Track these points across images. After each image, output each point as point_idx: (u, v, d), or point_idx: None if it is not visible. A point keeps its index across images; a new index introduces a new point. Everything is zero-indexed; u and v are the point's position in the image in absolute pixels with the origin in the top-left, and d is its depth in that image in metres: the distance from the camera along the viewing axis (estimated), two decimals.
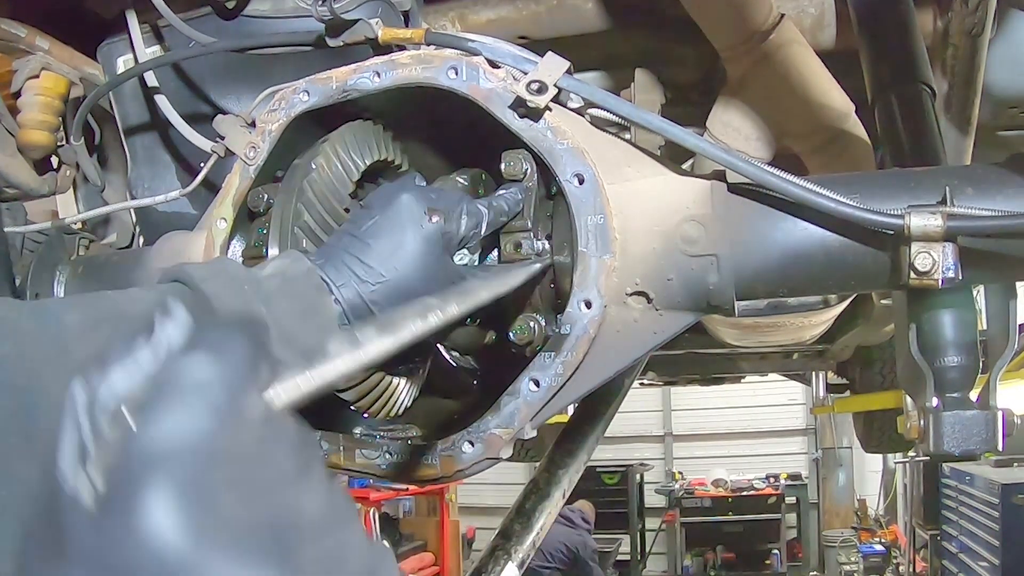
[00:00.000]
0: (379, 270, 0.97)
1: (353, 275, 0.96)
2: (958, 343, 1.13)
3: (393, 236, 0.99)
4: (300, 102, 1.19)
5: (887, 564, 10.75)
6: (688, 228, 1.07)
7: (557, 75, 1.07)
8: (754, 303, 2.52)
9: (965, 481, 7.32)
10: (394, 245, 0.98)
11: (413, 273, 0.98)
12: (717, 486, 12.51)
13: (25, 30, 1.65)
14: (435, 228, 1.00)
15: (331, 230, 1.17)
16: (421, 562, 9.29)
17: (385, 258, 0.97)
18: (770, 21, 1.68)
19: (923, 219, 0.97)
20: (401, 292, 0.97)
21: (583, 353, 1.07)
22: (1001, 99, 1.86)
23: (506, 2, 1.88)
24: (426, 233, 0.99)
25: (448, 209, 1.02)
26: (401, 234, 0.99)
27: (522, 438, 1.10)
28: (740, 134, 1.80)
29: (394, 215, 1.00)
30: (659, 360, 4.65)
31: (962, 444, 1.09)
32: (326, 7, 1.22)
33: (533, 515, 1.96)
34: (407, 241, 0.98)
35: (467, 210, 1.04)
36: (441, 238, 1.00)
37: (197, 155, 1.58)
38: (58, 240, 1.55)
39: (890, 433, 4.82)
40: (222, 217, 1.22)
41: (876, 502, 12.55)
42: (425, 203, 1.01)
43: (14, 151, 1.73)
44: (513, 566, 1.88)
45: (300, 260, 0.96)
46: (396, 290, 0.97)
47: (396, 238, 0.99)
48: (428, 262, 0.99)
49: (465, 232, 1.03)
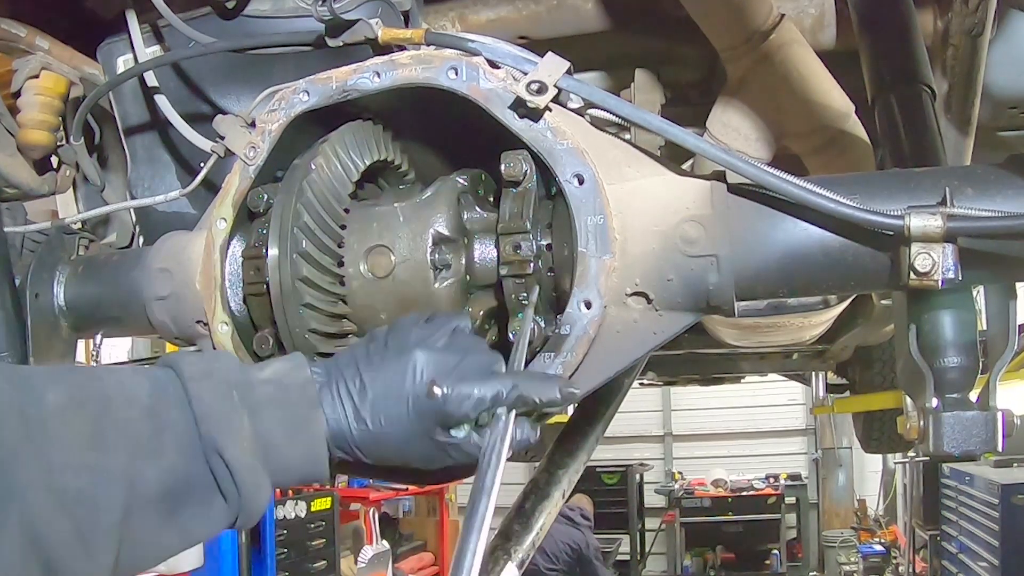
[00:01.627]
0: (366, 417, 0.92)
1: (344, 410, 0.92)
2: (958, 343, 1.12)
3: (390, 389, 0.93)
4: (300, 102, 1.19)
5: (887, 564, 10.73)
6: (688, 228, 1.07)
7: (557, 75, 1.07)
8: (754, 303, 2.52)
9: (965, 481, 7.32)
10: (387, 400, 0.92)
11: (397, 434, 0.92)
12: (717, 486, 12.51)
13: (25, 30, 1.65)
14: (434, 405, 0.92)
15: (331, 230, 1.17)
16: (421, 562, 9.28)
17: (376, 410, 0.92)
18: (770, 21, 1.68)
19: (923, 220, 0.97)
20: (382, 447, 0.93)
21: (583, 354, 1.07)
22: (1001, 99, 1.86)
23: (506, 2, 1.88)
24: (421, 407, 0.92)
25: (458, 385, 0.93)
26: (398, 396, 0.92)
27: None
28: (740, 134, 1.80)
29: (400, 367, 0.93)
30: (659, 360, 4.65)
31: (962, 444, 1.09)
32: (326, 7, 1.22)
33: (533, 515, 1.96)
34: (400, 406, 0.92)
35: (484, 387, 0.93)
36: (438, 413, 0.92)
37: (197, 155, 1.58)
38: (58, 240, 1.55)
39: (890, 433, 4.82)
40: (222, 217, 1.22)
41: (876, 502, 12.54)
42: (434, 372, 0.93)
43: (14, 151, 1.73)
44: (513, 566, 1.88)
45: (300, 369, 0.93)
46: (377, 443, 0.93)
47: (392, 399, 0.92)
48: (413, 432, 0.92)
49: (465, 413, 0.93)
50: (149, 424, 0.80)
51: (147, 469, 0.79)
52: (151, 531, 0.80)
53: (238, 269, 1.23)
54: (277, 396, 0.89)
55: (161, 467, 0.80)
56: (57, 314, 1.45)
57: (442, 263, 1.16)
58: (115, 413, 0.79)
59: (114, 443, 0.78)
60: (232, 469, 0.82)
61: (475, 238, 1.19)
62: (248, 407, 0.86)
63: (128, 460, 0.78)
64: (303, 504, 6.67)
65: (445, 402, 0.92)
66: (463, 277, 1.18)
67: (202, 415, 0.82)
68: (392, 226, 1.17)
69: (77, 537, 0.74)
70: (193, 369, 0.86)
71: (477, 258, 1.19)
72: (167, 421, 0.82)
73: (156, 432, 0.81)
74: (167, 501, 0.80)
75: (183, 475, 0.81)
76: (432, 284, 1.15)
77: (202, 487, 0.82)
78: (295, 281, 1.12)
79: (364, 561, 7.59)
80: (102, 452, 0.77)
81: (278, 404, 0.89)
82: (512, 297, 1.14)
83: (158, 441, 0.80)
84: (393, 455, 0.94)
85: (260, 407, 0.87)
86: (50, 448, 0.74)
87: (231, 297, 1.23)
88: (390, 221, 1.18)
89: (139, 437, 0.79)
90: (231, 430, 0.83)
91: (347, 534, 7.75)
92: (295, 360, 0.95)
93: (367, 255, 1.18)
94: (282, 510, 6.41)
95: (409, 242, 1.16)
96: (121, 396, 0.81)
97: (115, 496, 0.76)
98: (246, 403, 0.86)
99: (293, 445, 0.88)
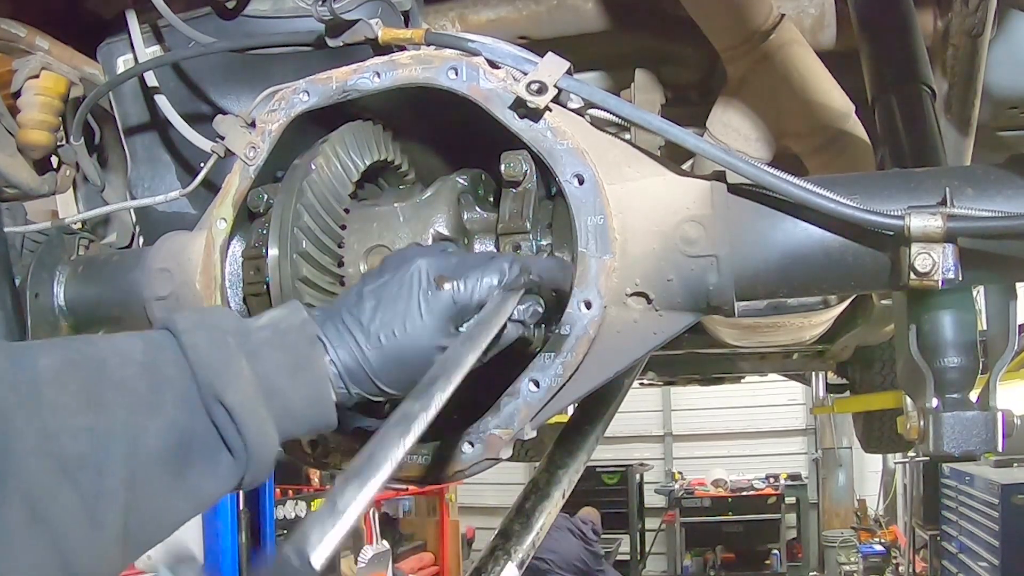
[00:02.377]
0: (378, 335, 0.91)
1: (352, 338, 0.91)
2: (958, 344, 1.12)
3: (399, 302, 0.92)
4: (300, 102, 1.19)
5: (887, 564, 10.74)
6: (688, 228, 1.07)
7: (557, 75, 1.07)
8: (754, 303, 2.52)
9: (965, 481, 7.33)
10: (398, 312, 0.92)
11: (415, 343, 0.92)
12: (717, 486, 12.51)
13: (25, 30, 1.65)
14: (445, 299, 0.93)
15: (331, 230, 1.17)
16: (421, 562, 9.29)
17: (386, 324, 0.91)
18: (770, 21, 1.68)
19: (923, 220, 0.97)
20: (400, 362, 0.92)
21: (583, 354, 1.07)
22: (1001, 99, 1.86)
23: (506, 2, 1.88)
24: (433, 304, 0.92)
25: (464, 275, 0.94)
26: (408, 301, 0.92)
27: (522, 438, 1.10)
28: (740, 134, 1.80)
29: (406, 279, 0.94)
30: (659, 360, 4.65)
31: (962, 445, 1.09)
32: (326, 7, 1.22)
33: (533, 515, 1.95)
34: (412, 309, 0.92)
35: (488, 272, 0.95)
36: (451, 307, 0.93)
37: (197, 155, 1.58)
38: (58, 240, 1.55)
39: (890, 433, 4.82)
40: (222, 217, 1.22)
41: (876, 502, 12.54)
42: (439, 269, 0.94)
43: (14, 151, 1.73)
44: (513, 566, 1.88)
45: (297, 312, 0.91)
46: (396, 361, 0.91)
47: (402, 305, 0.92)
48: (432, 334, 0.92)
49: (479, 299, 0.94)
50: (146, 380, 0.78)
51: (148, 426, 0.76)
52: (158, 493, 0.77)
53: (238, 269, 1.23)
54: (275, 339, 0.87)
55: (162, 423, 0.77)
56: (57, 314, 1.45)
57: None
58: (110, 373, 0.77)
59: (112, 403, 0.75)
60: (234, 415, 0.79)
61: (475, 238, 1.20)
62: (246, 352, 0.83)
63: (127, 419, 0.75)
64: (303, 504, 6.68)
65: (457, 293, 0.92)
66: None
67: (198, 363, 0.80)
68: (392, 226, 1.17)
69: (82, 505, 0.71)
70: (187, 322, 0.83)
71: None
72: (164, 376, 0.79)
73: (154, 388, 0.78)
74: (172, 460, 0.77)
75: (186, 430, 0.78)
76: None
77: (206, 442, 0.79)
78: (295, 281, 1.13)
79: (364, 561, 7.59)
80: (100, 413, 0.74)
81: (276, 347, 0.86)
82: None
83: (157, 396, 0.77)
84: (414, 370, 0.90)
85: (258, 351, 0.85)
86: (46, 413, 0.72)
87: (231, 297, 1.23)
88: (390, 221, 1.18)
89: (137, 394, 0.77)
90: (230, 374, 0.80)
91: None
92: (291, 306, 0.93)
93: (367, 255, 1.18)
94: (282, 510, 6.41)
95: (409, 242, 1.16)
96: (116, 356, 0.78)
97: (117, 458, 0.73)
98: (243, 348, 0.84)
99: (296, 386, 0.86)
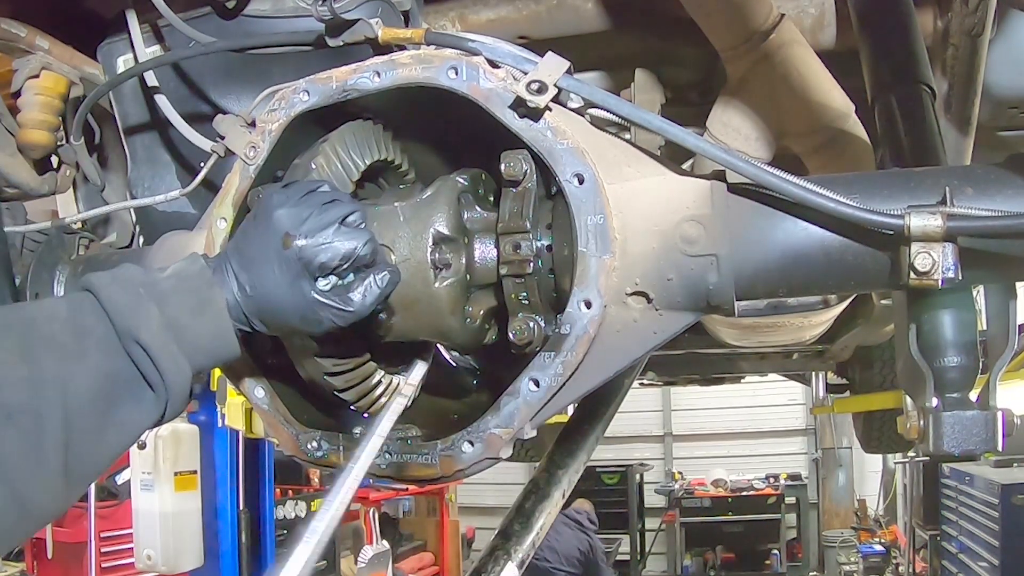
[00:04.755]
0: (246, 283, 1.01)
1: (235, 283, 1.02)
2: (958, 343, 1.12)
3: (260, 252, 1.01)
4: (300, 102, 1.19)
5: (887, 564, 10.75)
6: (688, 228, 1.07)
7: (557, 75, 1.07)
8: (754, 303, 2.52)
9: (965, 481, 7.32)
10: (258, 262, 1.01)
11: (271, 292, 1.01)
12: (717, 486, 12.51)
13: (25, 30, 1.65)
14: (291, 255, 0.99)
15: None
16: (421, 562, 9.30)
17: (251, 272, 1.01)
18: (770, 21, 1.68)
19: (923, 219, 0.97)
20: (264, 309, 1.02)
21: (583, 353, 1.07)
22: (1001, 99, 1.86)
23: (506, 2, 1.88)
24: (282, 258, 1.00)
25: (313, 232, 1.00)
26: (264, 257, 1.01)
27: (522, 438, 1.10)
28: (740, 134, 1.80)
29: (264, 229, 1.02)
30: (659, 360, 4.65)
31: (962, 444, 1.09)
32: (326, 7, 1.22)
33: (533, 515, 1.96)
34: (268, 264, 1.01)
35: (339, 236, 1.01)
36: (297, 264, 0.99)
37: (197, 155, 1.58)
38: (58, 240, 1.55)
39: (890, 433, 4.82)
40: (222, 217, 1.22)
41: (876, 502, 12.55)
42: (290, 226, 1.00)
43: (14, 151, 1.73)
44: (512, 566, 1.88)
45: (196, 261, 1.03)
46: (260, 307, 1.02)
47: (260, 259, 1.01)
48: (282, 286, 1.00)
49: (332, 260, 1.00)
50: (71, 332, 0.90)
51: (76, 372, 0.88)
52: (92, 431, 0.89)
53: None
54: (179, 286, 0.99)
55: (88, 368, 0.89)
56: None
57: (442, 262, 1.16)
58: (39, 329, 0.89)
59: (43, 355, 0.87)
60: (150, 352, 0.91)
61: (475, 237, 1.20)
62: (155, 299, 0.95)
63: (58, 367, 0.87)
64: (303, 504, 6.68)
65: (301, 251, 0.99)
66: (463, 276, 1.18)
67: (114, 311, 0.92)
68: (393, 225, 1.17)
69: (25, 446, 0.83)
70: (102, 280, 0.95)
71: (477, 258, 1.19)
72: (86, 327, 0.91)
73: (78, 338, 0.90)
74: (100, 399, 0.89)
75: (110, 372, 0.91)
76: (432, 283, 1.15)
77: (129, 380, 0.92)
78: None
79: (364, 561, 7.59)
80: (34, 365, 0.86)
81: (181, 291, 0.98)
82: (512, 297, 1.14)
83: (81, 345, 0.90)
84: (276, 317, 1.02)
85: (165, 297, 0.96)
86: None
87: None
88: (391, 220, 1.18)
89: (64, 345, 0.89)
90: (142, 317, 0.93)
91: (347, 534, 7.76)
92: (191, 257, 1.04)
93: None
94: (282, 510, 6.41)
95: (409, 241, 1.16)
96: (43, 316, 0.91)
97: (53, 403, 0.85)
98: (152, 296, 0.95)
99: (200, 323, 0.98)
